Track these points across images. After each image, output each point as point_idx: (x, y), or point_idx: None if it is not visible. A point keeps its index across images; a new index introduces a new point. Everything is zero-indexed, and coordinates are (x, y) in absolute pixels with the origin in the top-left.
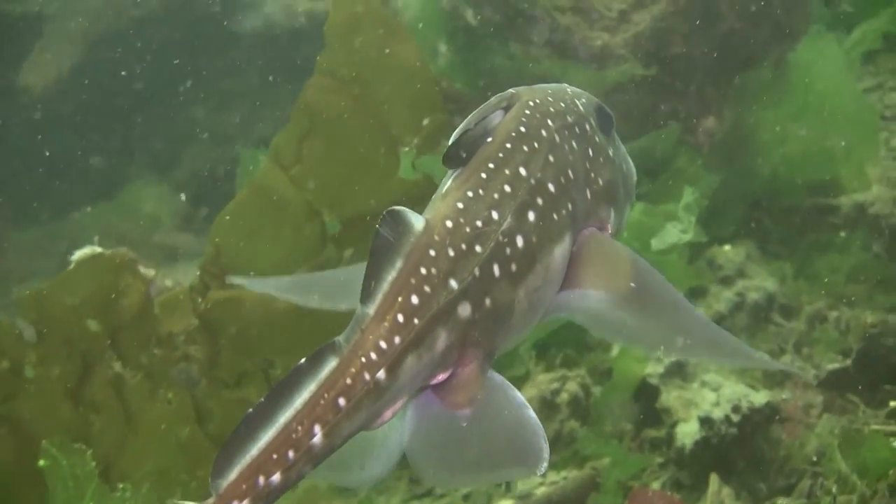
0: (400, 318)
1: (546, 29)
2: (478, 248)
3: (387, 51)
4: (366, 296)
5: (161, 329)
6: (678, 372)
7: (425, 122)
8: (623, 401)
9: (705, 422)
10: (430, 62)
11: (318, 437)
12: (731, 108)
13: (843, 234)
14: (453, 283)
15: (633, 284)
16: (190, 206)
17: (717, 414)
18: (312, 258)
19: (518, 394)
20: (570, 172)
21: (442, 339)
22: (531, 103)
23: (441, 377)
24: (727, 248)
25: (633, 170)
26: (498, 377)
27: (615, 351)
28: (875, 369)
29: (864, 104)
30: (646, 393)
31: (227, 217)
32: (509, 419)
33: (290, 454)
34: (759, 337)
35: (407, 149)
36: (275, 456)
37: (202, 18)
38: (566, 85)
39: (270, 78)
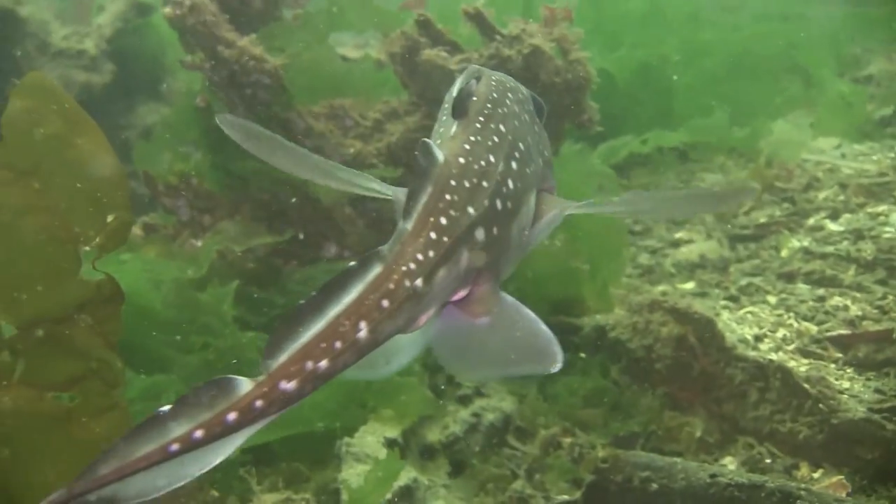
0: (433, 235)
1: (300, 134)
2: (485, 184)
3: (71, 142)
4: (405, 214)
5: None
6: (407, 497)
7: (110, 218)
8: None
9: None
10: (182, 161)
11: (363, 333)
12: None
13: (582, 355)
14: (471, 210)
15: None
16: None
17: None
18: None
19: (529, 311)
20: (528, 138)
21: (465, 258)
22: (493, 79)
23: (461, 294)
24: None
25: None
26: (510, 297)
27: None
28: None
29: (613, 221)
30: None
31: None
32: (524, 328)
33: (338, 344)
34: (492, 461)
35: (88, 248)
36: (323, 345)
37: None
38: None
39: None
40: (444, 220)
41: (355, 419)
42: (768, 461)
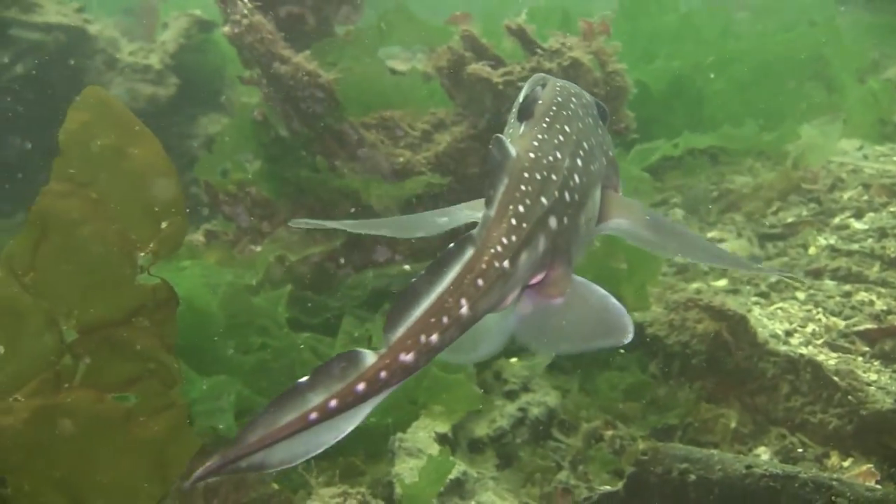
0: (513, 221)
1: (353, 144)
2: (554, 177)
3: (126, 153)
4: (487, 202)
5: None
6: (457, 490)
7: (164, 225)
8: None
9: None
10: (241, 170)
11: (464, 309)
12: None
13: (622, 351)
14: (544, 200)
15: (647, 218)
16: None
17: None
18: (50, 368)
19: (600, 288)
20: (591, 139)
21: (541, 243)
22: (558, 85)
23: (539, 277)
24: (514, 360)
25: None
26: (580, 278)
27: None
28: (644, 496)
29: None
30: None
31: None
32: (596, 304)
33: (445, 320)
34: (538, 454)
35: (144, 254)
36: (433, 320)
37: (51, 97)
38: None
39: None
40: (521, 208)
41: (407, 415)
42: (800, 451)
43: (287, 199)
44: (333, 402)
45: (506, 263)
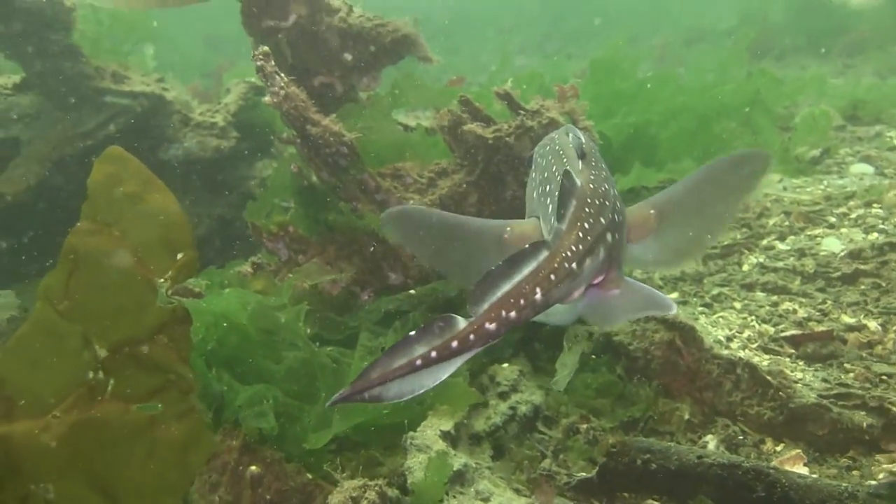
0: (580, 234)
1: (371, 191)
2: (607, 203)
3: (144, 198)
4: (560, 218)
5: None
6: (459, 479)
7: (179, 256)
8: None
9: None
10: (281, 213)
11: (538, 296)
12: None
13: (594, 356)
14: (602, 220)
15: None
16: None
17: None
18: (86, 382)
19: (646, 285)
20: (610, 175)
21: (601, 252)
22: (585, 134)
23: (599, 279)
24: (506, 365)
25: None
26: (629, 278)
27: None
28: (613, 482)
29: None
30: None
31: (10, 351)
32: (647, 292)
33: (521, 301)
34: (525, 445)
35: (162, 280)
36: (512, 300)
37: (138, 149)
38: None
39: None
40: (586, 225)
41: (417, 414)
42: (741, 438)
43: (319, 236)
44: (434, 353)
45: (574, 265)
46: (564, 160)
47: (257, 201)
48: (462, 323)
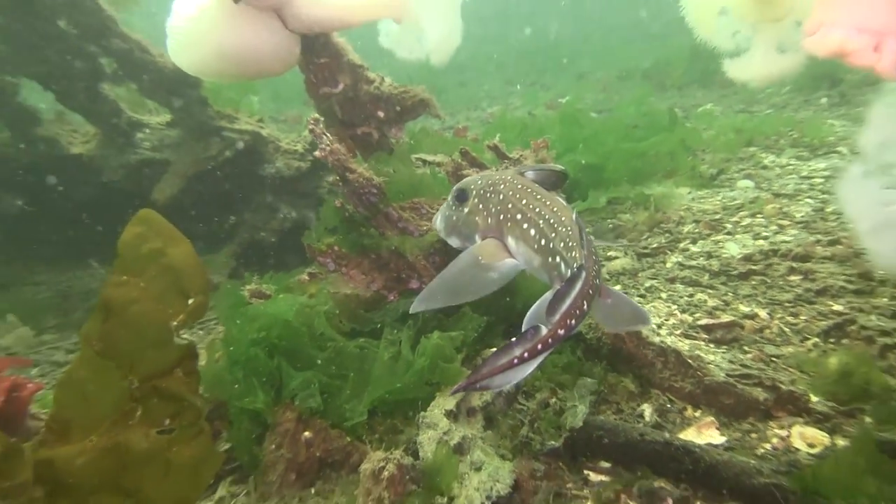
0: (590, 262)
1: (395, 220)
2: (591, 237)
3: (166, 252)
4: (580, 249)
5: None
6: (458, 449)
7: (190, 301)
8: None
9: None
10: (329, 236)
11: (585, 307)
12: None
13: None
14: (594, 258)
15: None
16: None
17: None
18: (122, 409)
19: (629, 297)
20: None
21: (600, 273)
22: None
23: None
24: (494, 349)
25: None
26: (616, 290)
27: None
28: (575, 450)
29: None
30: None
31: (64, 384)
32: (627, 304)
33: (577, 312)
34: (510, 416)
35: (176, 322)
36: (573, 311)
37: (245, 167)
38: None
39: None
40: (594, 257)
41: (426, 392)
42: (669, 406)
43: (357, 253)
44: (526, 354)
45: (596, 281)
46: (548, 203)
47: (311, 230)
48: (544, 330)
